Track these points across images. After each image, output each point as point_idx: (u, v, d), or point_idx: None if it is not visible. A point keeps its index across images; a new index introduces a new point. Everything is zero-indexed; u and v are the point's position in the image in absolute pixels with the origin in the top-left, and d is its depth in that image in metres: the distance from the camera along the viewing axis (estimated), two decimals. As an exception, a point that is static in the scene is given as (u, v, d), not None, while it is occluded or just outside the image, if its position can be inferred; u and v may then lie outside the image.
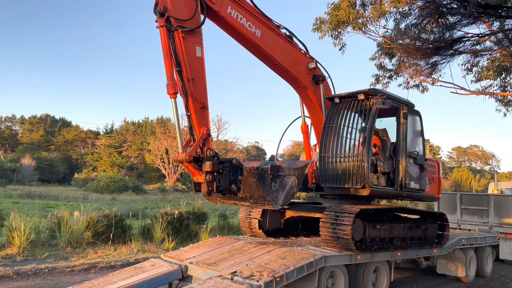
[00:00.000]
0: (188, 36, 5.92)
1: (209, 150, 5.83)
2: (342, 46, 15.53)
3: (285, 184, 5.98)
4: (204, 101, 5.99)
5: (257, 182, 5.76)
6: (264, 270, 5.94)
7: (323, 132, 7.66)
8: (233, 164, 5.90)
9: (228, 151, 51.69)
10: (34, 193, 29.36)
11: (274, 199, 5.83)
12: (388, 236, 7.63)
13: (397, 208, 8.36)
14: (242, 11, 6.68)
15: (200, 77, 6.01)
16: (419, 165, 8.23)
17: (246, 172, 5.86)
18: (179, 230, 13.14)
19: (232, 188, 5.88)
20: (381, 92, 7.42)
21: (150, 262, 7.05)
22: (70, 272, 8.94)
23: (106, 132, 67.62)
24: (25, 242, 10.22)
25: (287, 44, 7.42)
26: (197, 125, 5.93)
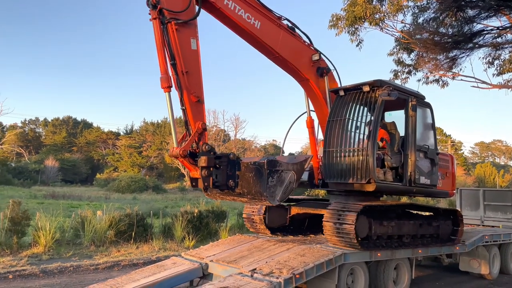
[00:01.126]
0: (182, 28, 5.78)
1: (205, 145, 5.66)
2: (359, 42, 15.43)
3: (283, 179, 5.84)
4: (199, 95, 5.84)
5: (254, 178, 5.63)
6: (283, 267, 5.99)
7: (327, 126, 7.47)
8: (230, 159, 5.75)
9: (246, 149, 51.84)
10: (58, 194, 30.07)
11: (272, 195, 5.71)
12: (397, 233, 7.42)
13: (406, 205, 8.11)
14: (240, 2, 6.50)
15: (195, 70, 5.86)
16: (430, 160, 7.94)
17: (244, 167, 5.73)
18: (199, 229, 13.28)
19: (230, 184, 5.71)
20: (387, 84, 7.16)
21: (171, 260, 7.19)
22: (94, 270, 9.16)
23: (126, 133, 68.68)
24: (50, 241, 10.50)
25: (289, 36, 7.21)
26: (192, 119, 5.79)
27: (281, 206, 8.42)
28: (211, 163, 5.57)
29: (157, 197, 33.31)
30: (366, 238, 6.81)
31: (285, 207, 8.51)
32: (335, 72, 7.95)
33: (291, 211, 8.46)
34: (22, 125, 68.99)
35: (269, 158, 5.83)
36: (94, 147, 65.63)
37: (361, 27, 14.98)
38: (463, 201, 13.14)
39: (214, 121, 56.98)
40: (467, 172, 70.16)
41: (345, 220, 6.48)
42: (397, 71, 16.98)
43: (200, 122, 5.80)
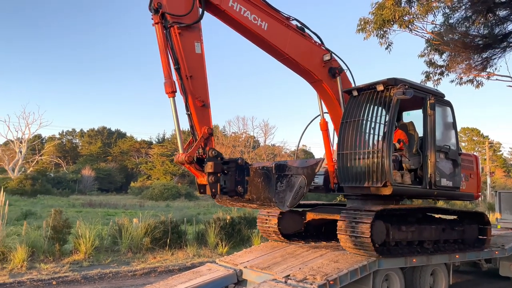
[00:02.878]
0: (186, 32, 5.69)
1: (211, 150, 5.54)
2: (389, 45, 15.28)
3: (292, 184, 5.63)
4: (204, 99, 5.73)
5: (263, 183, 5.47)
6: (317, 273, 6.01)
7: (341, 127, 7.24)
8: (238, 164, 5.59)
9: (276, 155, 51.84)
10: (95, 202, 31.04)
11: (281, 200, 5.50)
12: (417, 238, 7.12)
13: (425, 208, 7.81)
14: (245, 4, 6.34)
15: (200, 74, 5.76)
16: (451, 161, 7.61)
17: (253, 172, 5.57)
18: (232, 235, 13.43)
19: (238, 190, 5.55)
20: (402, 82, 6.84)
21: (206, 267, 7.34)
22: (132, 276, 9.44)
23: (158, 142, 70.17)
24: (90, 248, 10.90)
25: (298, 36, 7.01)
26: (198, 124, 5.67)
27: (295, 211, 8.32)
28: (218, 169, 5.47)
29: (189, 204, 33.84)
30: (383, 244, 6.54)
31: (300, 212, 8.36)
32: (349, 72, 7.72)
33: (307, 216, 8.25)
34: (60, 136, 71.81)
35: (278, 163, 5.67)
36: (128, 156, 67.34)
37: (390, 29, 14.85)
38: (502, 204, 12.68)
39: (244, 128, 57.42)
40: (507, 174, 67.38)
41: (360, 225, 6.26)
42: (428, 72, 16.66)
43: (206, 127, 5.69)
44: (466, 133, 67.89)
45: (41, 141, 61.36)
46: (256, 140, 58.39)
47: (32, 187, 37.58)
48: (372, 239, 6.17)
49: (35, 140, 55.05)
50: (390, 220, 6.69)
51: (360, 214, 6.36)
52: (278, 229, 8.02)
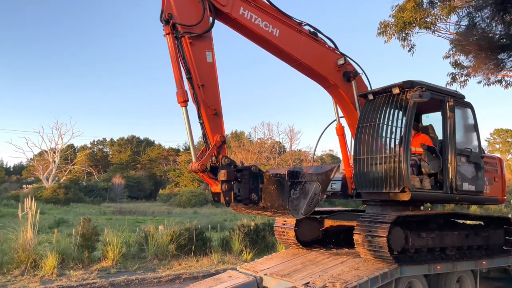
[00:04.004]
0: (197, 42, 5.71)
1: (224, 158, 5.53)
2: (411, 47, 15.03)
3: (307, 191, 5.57)
4: (216, 108, 5.73)
5: (276, 190, 5.44)
6: (337, 280, 5.98)
7: (357, 132, 7.14)
8: (252, 172, 5.55)
9: (302, 160, 51.60)
10: (125, 210, 31.77)
11: (295, 208, 5.43)
12: (439, 245, 6.93)
13: (446, 214, 7.61)
14: (256, 11, 6.35)
15: (211, 83, 5.77)
16: (473, 164, 7.40)
17: (266, 180, 5.54)
18: (256, 242, 13.46)
19: (253, 197, 5.50)
20: (419, 84, 6.68)
21: (227, 274, 7.42)
22: (158, 283, 9.63)
23: (185, 149, 71.15)
24: (117, 255, 11.18)
25: (311, 41, 6.98)
26: (210, 132, 5.68)
27: (313, 218, 8.25)
28: (231, 177, 5.43)
29: (216, 211, 34.08)
30: (402, 252, 6.40)
31: (318, 219, 8.29)
32: (364, 75, 7.61)
33: (325, 223, 8.17)
34: (91, 146, 73.96)
35: (291, 169, 5.65)
36: (156, 164, 68.58)
37: (412, 32, 14.63)
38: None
39: (269, 134, 57.49)
40: (546, 176, 64.53)
41: (377, 232, 6.13)
42: (454, 73, 16.27)
43: (218, 135, 5.68)
44: (500, 135, 65.50)
45: (73, 151, 63.33)
46: (282, 146, 58.34)
47: (65, 195, 38.84)
48: (390, 248, 6.06)
49: (67, 150, 56.94)
50: (409, 227, 6.57)
51: (375, 224, 6.26)
52: (295, 238, 8.00)
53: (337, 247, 8.44)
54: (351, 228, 6.64)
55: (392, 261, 6.18)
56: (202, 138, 5.83)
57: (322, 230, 8.27)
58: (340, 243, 8.58)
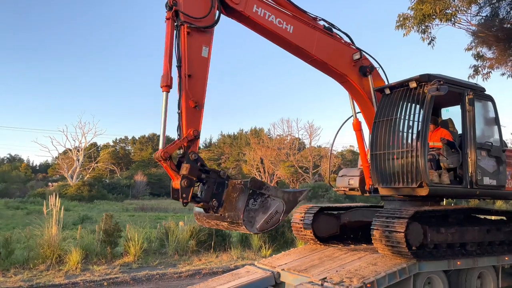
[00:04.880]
0: (196, 34, 5.56)
1: (193, 154, 5.24)
2: (431, 40, 14.73)
3: (268, 206, 5.17)
4: (198, 101, 5.48)
5: (237, 199, 5.09)
6: (354, 276, 5.96)
7: (373, 127, 7.04)
8: (220, 177, 5.31)
9: (322, 157, 51.32)
10: (147, 206, 32.27)
11: (250, 220, 5.02)
12: (459, 241, 6.81)
13: (466, 209, 7.45)
14: (269, 8, 6.26)
15: (200, 76, 5.60)
16: (494, 158, 7.22)
17: (231, 187, 5.23)
18: (275, 238, 13.53)
19: (213, 203, 5.21)
20: (436, 78, 6.52)
21: (245, 269, 7.49)
22: (178, 278, 9.80)
23: (205, 146, 71.77)
24: (139, 251, 11.43)
25: (326, 37, 6.88)
26: (185, 124, 5.41)
27: (331, 214, 8.24)
28: (194, 173, 5.16)
29: (236, 207, 34.21)
30: (421, 247, 6.32)
31: (336, 215, 8.27)
32: (381, 69, 7.50)
33: (342, 219, 8.14)
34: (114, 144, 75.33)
35: (256, 178, 5.32)
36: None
37: (432, 24, 14.33)
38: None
39: (288, 130, 57.39)
40: None
41: (395, 227, 6.05)
42: (477, 66, 15.87)
43: (193, 129, 5.40)
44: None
45: (96, 149, 64.64)
46: (301, 142, 58.18)
47: (89, 193, 39.73)
48: (408, 243, 5.99)
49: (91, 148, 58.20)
50: (428, 222, 6.48)
51: (392, 219, 6.18)
52: (313, 234, 8.00)
53: (355, 243, 8.41)
54: (369, 224, 6.59)
55: (410, 257, 6.12)
56: (177, 130, 5.53)
57: (339, 226, 8.23)
58: (358, 239, 8.55)
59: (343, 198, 34.01)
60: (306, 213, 8.15)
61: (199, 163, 5.29)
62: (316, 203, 27.37)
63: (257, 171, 53.02)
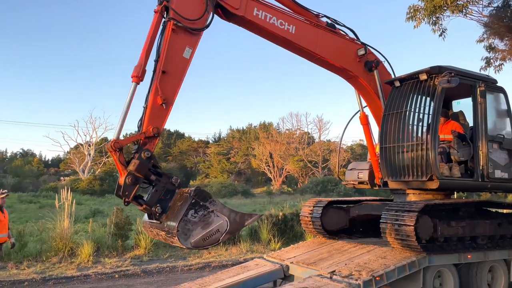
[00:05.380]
0: (182, 34, 5.39)
1: (146, 151, 4.94)
2: (442, 31, 14.52)
3: (210, 221, 4.84)
4: (167, 99, 5.22)
5: (178, 207, 4.81)
6: (363, 269, 5.95)
7: (383, 120, 6.95)
8: (171, 183, 5.01)
9: (332, 151, 51.15)
10: (157, 201, 32.48)
11: (185, 233, 4.68)
12: (469, 234, 6.72)
13: (476, 202, 7.36)
14: (270, 10, 6.12)
15: (175, 74, 5.38)
16: (507, 150, 7.14)
17: (178, 195, 4.95)
18: (284, 231, 13.58)
19: (155, 209, 4.86)
20: (447, 69, 6.40)
21: (254, 262, 7.53)
22: (188, 271, 9.91)
23: (214, 141, 71.94)
24: (149, 244, 11.56)
25: (329, 34, 6.74)
26: (147, 120, 5.15)
27: (340, 208, 8.22)
28: (142, 172, 4.85)
29: (246, 201, 34.39)
30: (431, 241, 6.27)
31: (345, 209, 8.25)
32: (387, 63, 7.38)
33: (351, 213, 8.11)
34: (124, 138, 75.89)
35: (202, 189, 5.00)
36: (187, 156, 69.65)
37: (442, 15, 14.11)
38: None
39: (297, 124, 57.27)
40: None
41: (404, 221, 5.98)
42: (489, 58, 15.62)
43: (154, 126, 5.11)
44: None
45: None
46: (310, 136, 57.98)
47: (101, 187, 40.14)
48: (418, 237, 5.95)
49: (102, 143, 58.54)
50: (438, 215, 6.43)
51: (402, 212, 6.13)
52: (322, 228, 7.98)
53: (364, 236, 8.39)
54: (378, 218, 6.56)
55: (420, 250, 6.08)
56: (137, 124, 5.27)
57: (349, 219, 8.22)
58: (367, 232, 8.52)
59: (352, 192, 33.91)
60: (315, 206, 8.15)
61: (152, 163, 4.98)
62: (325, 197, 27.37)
63: (266, 166, 53.07)
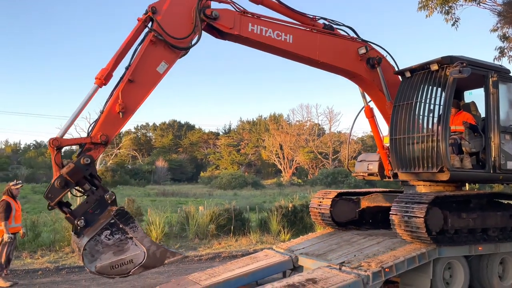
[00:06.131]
0: (161, 48, 5.22)
1: (87, 158, 4.62)
2: (455, 21, 14.29)
3: (126, 249, 4.41)
4: (127, 109, 4.98)
5: (97, 225, 4.47)
6: (372, 260, 5.97)
7: (393, 111, 6.89)
8: (104, 198, 4.62)
9: (342, 142, 50.90)
10: (168, 192, 32.80)
11: (93, 254, 4.26)
12: (480, 226, 6.66)
13: (488, 194, 7.29)
14: (265, 22, 6.02)
15: (143, 86, 5.16)
16: None
17: (106, 213, 4.55)
18: (294, 223, 13.61)
19: (78, 222, 4.45)
20: (459, 59, 6.31)
21: (263, 253, 7.58)
22: (198, 261, 10.01)
23: (225, 133, 72.08)
24: (160, 234, 11.69)
25: (328, 37, 6.62)
26: (99, 126, 4.89)
27: (349, 199, 8.22)
28: (75, 177, 4.51)
29: (256, 193, 34.50)
30: (441, 233, 6.23)
31: (354, 200, 8.25)
32: (389, 56, 7.29)
33: (361, 204, 8.11)
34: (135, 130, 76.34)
35: (127, 211, 4.57)
36: (197, 147, 69.97)
37: (455, 4, 13.88)
38: None
39: (308, 116, 57.03)
40: None
41: (414, 213, 5.95)
42: (502, 47, 15.34)
43: (103, 133, 4.82)
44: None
45: (118, 136, 65.69)
46: (321, 128, 57.76)
47: (112, 178, 40.55)
48: (428, 228, 5.92)
49: (113, 135, 59.08)
50: (449, 207, 6.38)
51: (412, 204, 6.09)
52: (331, 219, 8.02)
53: (374, 228, 8.39)
54: (388, 209, 6.54)
55: (430, 242, 6.06)
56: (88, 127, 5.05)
57: (358, 211, 8.23)
58: (377, 224, 8.52)
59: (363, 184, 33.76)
60: (324, 198, 8.16)
61: (90, 171, 4.65)
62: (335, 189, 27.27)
63: (276, 157, 53.07)
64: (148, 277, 8.36)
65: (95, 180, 4.73)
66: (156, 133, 76.54)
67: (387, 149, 7.37)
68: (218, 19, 5.64)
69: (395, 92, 7.13)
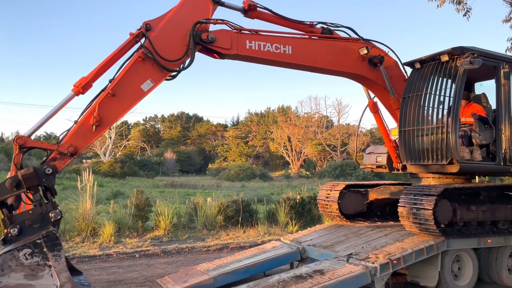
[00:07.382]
0: (150, 66, 5.14)
1: (51, 167, 4.44)
2: (467, 11, 14.04)
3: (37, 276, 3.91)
4: (102, 123, 4.86)
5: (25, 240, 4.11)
6: (380, 252, 5.97)
7: (402, 103, 6.85)
8: (48, 216, 4.27)
9: (351, 135, 50.66)
10: (176, 183, 32.99)
11: (3, 268, 3.83)
12: (490, 218, 6.63)
13: (497, 186, 7.24)
14: (262, 37, 5.98)
15: (123, 102, 5.05)
16: None
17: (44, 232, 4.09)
18: (302, 214, 13.61)
19: (11, 230, 4.15)
20: (470, 50, 6.25)
21: (271, 244, 7.62)
22: (206, 252, 10.07)
23: (233, 124, 72.13)
24: (169, 225, 11.78)
25: (327, 42, 6.57)
26: (70, 136, 4.77)
27: (357, 191, 8.20)
28: (28, 182, 4.24)
29: (264, 185, 34.56)
30: (450, 225, 6.21)
31: (362, 192, 8.23)
32: (392, 52, 7.18)
33: (369, 196, 8.10)
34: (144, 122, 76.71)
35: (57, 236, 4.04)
36: (205, 139, 70.19)
37: (468, -6, 13.63)
38: None
39: (316, 108, 56.78)
40: None
41: (422, 205, 5.93)
42: (515, 38, 15.05)
43: (72, 145, 4.69)
44: None
45: (127, 127, 66.06)
46: (329, 120, 57.50)
47: (121, 169, 40.86)
48: (436, 221, 5.90)
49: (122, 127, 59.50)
50: (458, 200, 6.35)
51: (420, 196, 6.07)
52: (339, 211, 8.02)
53: (382, 220, 8.37)
54: (396, 201, 6.54)
55: (438, 234, 6.05)
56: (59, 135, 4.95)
57: (366, 203, 8.23)
58: (385, 216, 8.51)
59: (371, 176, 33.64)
60: (332, 190, 8.15)
61: (48, 182, 4.39)
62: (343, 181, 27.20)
63: (285, 149, 53.02)
64: (157, 267, 8.45)
65: (48, 193, 4.45)
66: (165, 125, 76.84)
67: (393, 142, 7.33)
68: (214, 41, 5.58)
69: (399, 87, 7.09)
